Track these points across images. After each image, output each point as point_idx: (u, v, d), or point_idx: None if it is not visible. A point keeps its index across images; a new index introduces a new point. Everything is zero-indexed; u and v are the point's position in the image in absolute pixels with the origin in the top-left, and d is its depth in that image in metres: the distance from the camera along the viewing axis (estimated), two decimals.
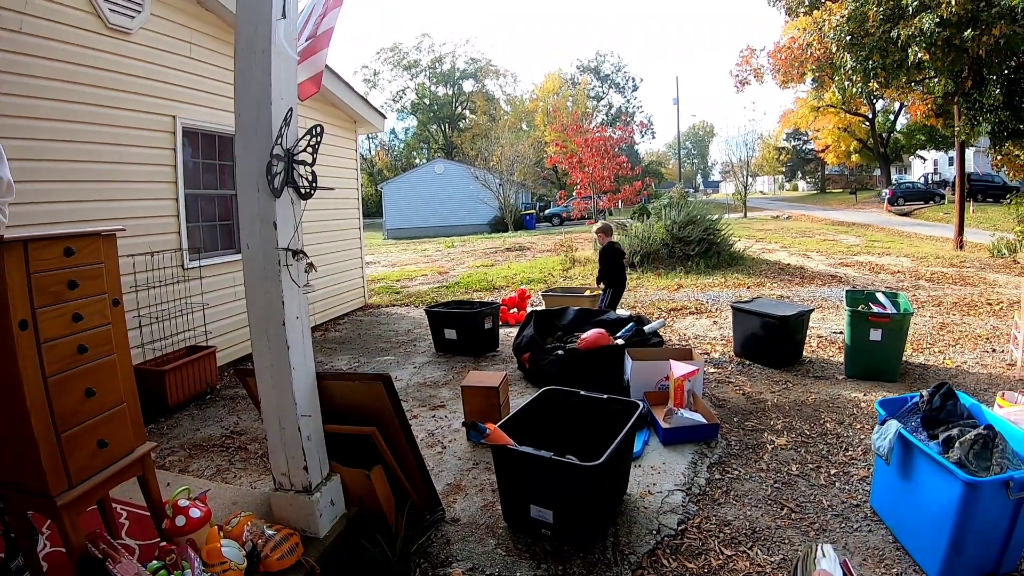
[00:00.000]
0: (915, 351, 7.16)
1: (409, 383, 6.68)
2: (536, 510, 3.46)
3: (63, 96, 5.38)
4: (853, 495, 3.98)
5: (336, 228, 10.45)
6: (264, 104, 3.01)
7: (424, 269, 17.52)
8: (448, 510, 3.91)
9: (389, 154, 72.68)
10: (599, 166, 18.97)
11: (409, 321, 10.18)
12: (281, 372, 3.17)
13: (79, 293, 2.73)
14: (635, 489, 4.10)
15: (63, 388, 2.62)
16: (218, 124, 7.23)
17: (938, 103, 18.48)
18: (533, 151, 41.98)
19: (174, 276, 6.55)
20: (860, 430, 4.97)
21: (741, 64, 27.19)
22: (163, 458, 4.91)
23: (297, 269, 3.15)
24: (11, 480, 2.65)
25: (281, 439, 3.26)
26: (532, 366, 6.45)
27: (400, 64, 69.96)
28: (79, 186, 5.55)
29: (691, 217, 14.66)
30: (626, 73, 72.10)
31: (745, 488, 4.12)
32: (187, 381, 6.19)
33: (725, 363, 6.95)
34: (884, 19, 14.80)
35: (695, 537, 3.57)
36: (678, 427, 4.79)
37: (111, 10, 5.79)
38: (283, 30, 3.06)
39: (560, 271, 14.91)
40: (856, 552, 3.37)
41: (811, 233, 22.07)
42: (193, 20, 6.89)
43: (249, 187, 3.09)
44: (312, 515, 3.26)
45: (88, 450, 2.74)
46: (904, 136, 45.75)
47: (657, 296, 11.19)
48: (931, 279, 12.02)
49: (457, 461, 4.65)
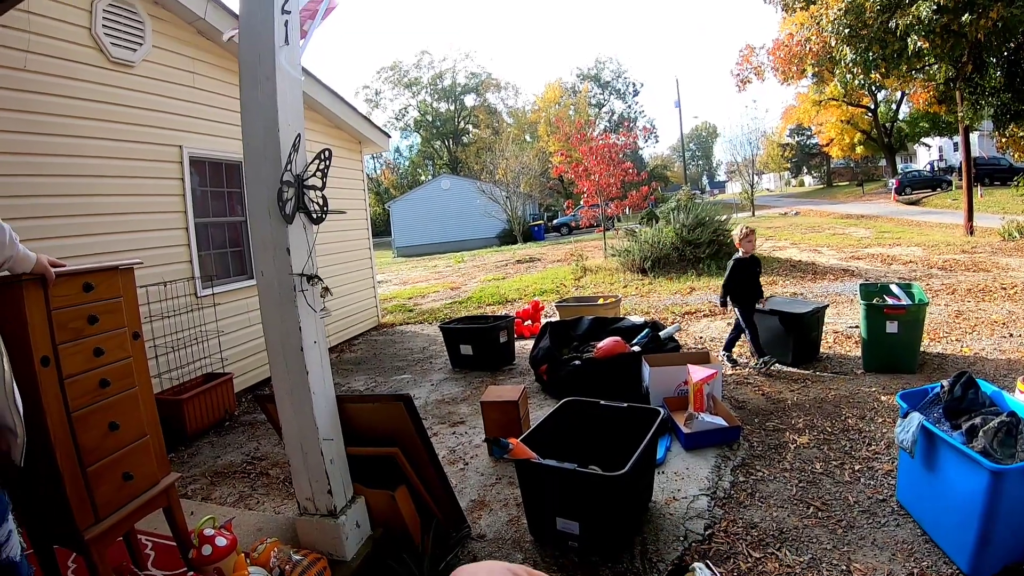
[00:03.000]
0: (932, 341, 7.11)
1: (427, 400, 6.68)
2: (562, 522, 3.44)
3: (70, 131, 5.44)
4: (879, 490, 3.95)
5: (346, 249, 10.50)
6: (272, 131, 3.03)
7: (436, 285, 17.55)
8: (473, 526, 3.89)
9: (395, 172, 72.99)
10: (605, 173, 18.96)
11: (424, 338, 10.19)
12: (301, 397, 3.18)
13: (99, 328, 2.75)
14: (660, 496, 4.08)
15: (87, 423, 2.64)
16: (224, 152, 7.28)
17: (940, 90, 18.48)
18: (538, 162, 42.11)
19: (188, 305, 6.58)
20: (882, 424, 4.93)
21: (741, 63, 27.24)
22: (185, 487, 4.92)
23: (312, 294, 3.16)
24: (37, 515, 2.66)
25: (304, 464, 3.27)
26: (550, 378, 6.44)
27: (401, 82, 70.27)
28: (91, 220, 5.60)
29: (699, 219, 14.62)
30: (626, 79, 72.32)
31: (770, 489, 4.09)
32: (205, 409, 6.21)
33: (742, 364, 6.92)
34: (881, 9, 14.81)
35: (723, 541, 3.54)
36: (700, 431, 4.77)
37: (113, 44, 5.86)
38: (286, 56, 3.08)
39: (572, 281, 14.87)
40: (885, 547, 3.34)
41: (820, 228, 22.00)
42: (195, 50, 6.95)
43: (260, 214, 3.10)
44: (338, 538, 3.26)
45: (114, 483, 2.75)
46: (908, 125, 45.51)
47: (670, 300, 11.15)
48: (943, 267, 11.96)
49: (480, 477, 4.64)
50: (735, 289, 6.71)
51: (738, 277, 6.69)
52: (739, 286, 6.70)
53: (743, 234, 6.78)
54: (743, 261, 6.72)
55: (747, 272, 6.71)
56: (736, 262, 6.73)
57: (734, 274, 6.70)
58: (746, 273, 6.70)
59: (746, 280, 6.71)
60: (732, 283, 6.70)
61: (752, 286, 6.74)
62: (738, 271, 6.70)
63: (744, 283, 6.71)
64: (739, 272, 6.69)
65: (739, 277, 6.69)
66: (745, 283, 6.71)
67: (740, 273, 6.69)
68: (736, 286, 6.70)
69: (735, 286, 6.70)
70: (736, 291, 6.71)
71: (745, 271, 6.70)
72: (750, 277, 6.73)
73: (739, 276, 6.69)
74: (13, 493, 2.27)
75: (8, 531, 2.02)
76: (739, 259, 6.73)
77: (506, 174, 38.29)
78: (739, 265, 6.70)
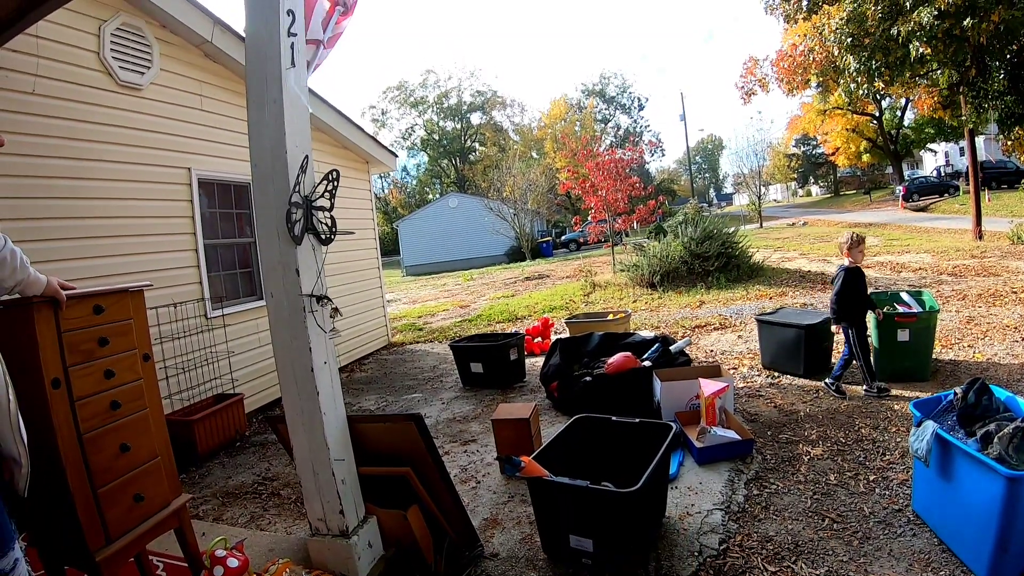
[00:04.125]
0: (944, 348, 7.07)
1: (439, 419, 6.67)
2: (575, 540, 3.42)
3: (79, 154, 5.48)
4: (894, 500, 3.91)
5: (356, 269, 10.53)
6: (280, 153, 3.05)
7: (445, 304, 17.57)
8: (486, 545, 3.87)
9: (402, 191, 73.24)
10: (612, 188, 18.97)
11: (434, 357, 10.18)
12: (312, 418, 3.18)
13: (110, 350, 2.77)
14: (673, 511, 4.05)
15: (98, 444, 2.65)
16: (232, 173, 7.33)
17: (944, 95, 18.48)
18: (545, 178, 42.18)
19: (198, 326, 6.60)
20: (895, 433, 4.90)
21: (745, 75, 27.20)
22: (196, 507, 4.92)
23: (322, 315, 3.17)
24: (49, 536, 2.67)
25: (315, 484, 3.26)
26: (561, 394, 6.42)
27: (407, 102, 70.71)
28: (100, 242, 5.63)
29: (708, 232, 14.62)
30: (631, 93, 72.53)
31: (784, 502, 4.06)
32: (216, 429, 6.21)
33: (754, 376, 6.88)
34: (883, 17, 14.84)
35: (738, 555, 3.51)
36: (712, 445, 4.74)
37: (121, 67, 5.91)
38: (293, 79, 3.10)
39: (581, 297, 14.85)
40: (902, 558, 3.30)
41: (829, 238, 21.93)
42: (202, 73, 7.01)
43: (269, 235, 3.12)
44: (350, 559, 3.24)
45: (125, 505, 2.76)
46: (913, 131, 45.59)
47: (680, 314, 11.12)
48: (953, 273, 11.91)
49: (492, 495, 4.62)
50: (847, 305, 5.97)
51: (856, 287, 5.94)
52: (852, 300, 5.96)
53: (853, 241, 6.01)
54: (856, 271, 5.98)
55: (862, 284, 5.99)
56: (848, 271, 5.95)
57: (850, 284, 5.93)
58: (862, 285, 5.98)
59: (860, 293, 5.96)
60: (848, 296, 5.94)
61: (865, 300, 5.98)
62: (854, 281, 5.94)
63: (858, 296, 5.95)
64: (856, 281, 5.95)
65: (857, 288, 5.94)
66: (859, 296, 5.95)
67: (858, 282, 5.95)
68: (849, 300, 5.96)
69: (849, 301, 5.96)
70: (848, 306, 5.96)
71: (861, 282, 5.98)
72: (863, 290, 5.99)
73: (857, 287, 5.94)
74: (23, 516, 2.27)
75: (15, 559, 2.01)
76: (850, 268, 5.97)
77: (513, 191, 38.37)
78: (853, 275, 5.95)
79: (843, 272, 5.98)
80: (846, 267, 6.00)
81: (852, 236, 6.04)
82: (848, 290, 5.91)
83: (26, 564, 2.08)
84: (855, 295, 5.92)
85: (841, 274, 5.99)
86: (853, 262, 6.00)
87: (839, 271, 6.07)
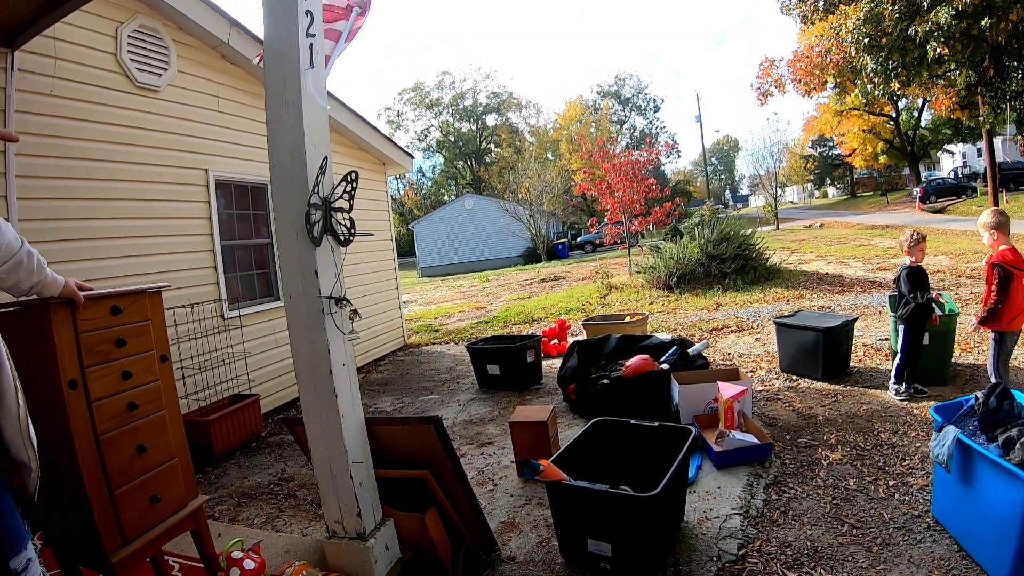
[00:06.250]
0: (963, 352, 6.98)
1: (455, 421, 6.65)
2: (594, 544, 3.39)
3: (96, 156, 5.52)
4: (914, 505, 3.85)
5: (372, 270, 10.56)
6: (298, 154, 3.04)
7: (461, 305, 17.58)
8: (504, 548, 3.85)
9: (418, 193, 73.42)
10: (628, 190, 18.92)
11: (450, 359, 10.17)
12: (330, 420, 3.17)
13: (127, 351, 2.77)
14: (692, 515, 4.01)
15: (115, 446, 2.65)
16: (250, 175, 7.35)
17: (961, 95, 18.36)
18: (560, 180, 42.13)
19: (214, 327, 6.62)
20: (915, 438, 4.83)
21: (761, 76, 27.08)
22: (212, 508, 4.92)
23: (341, 316, 3.16)
24: (65, 537, 2.67)
25: (333, 487, 3.25)
26: (578, 397, 6.39)
27: (423, 103, 70.99)
28: (117, 243, 5.67)
29: (724, 234, 14.57)
30: (647, 94, 72.49)
31: (803, 507, 4.01)
32: (232, 430, 6.23)
33: (772, 380, 6.83)
34: (900, 17, 14.75)
35: (756, 561, 3.47)
36: (731, 449, 4.70)
37: (138, 69, 5.95)
38: (311, 79, 3.10)
39: (597, 299, 14.81)
40: (921, 564, 3.25)
41: (846, 239, 21.78)
42: (219, 74, 7.04)
43: (288, 237, 3.11)
44: (367, 562, 3.23)
45: (141, 506, 2.76)
46: (930, 132, 45.20)
47: (697, 317, 11.07)
48: (972, 275, 11.77)
49: (509, 498, 4.60)
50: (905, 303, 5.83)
51: (923, 285, 5.77)
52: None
53: (914, 240, 5.82)
54: (919, 269, 5.81)
55: (925, 282, 5.82)
56: (912, 270, 5.78)
57: (918, 281, 5.75)
58: (925, 283, 5.80)
59: (923, 292, 5.77)
60: (918, 291, 5.73)
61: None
62: (921, 277, 5.78)
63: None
64: (922, 279, 5.79)
65: (924, 285, 5.77)
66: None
67: (923, 280, 5.79)
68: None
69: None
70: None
71: (924, 280, 5.80)
72: (925, 290, 5.80)
73: (923, 284, 5.77)
74: (37, 517, 2.26)
75: (27, 559, 2.00)
76: (912, 267, 5.80)
77: (529, 192, 38.38)
78: (917, 273, 5.78)
79: (905, 271, 5.85)
80: (907, 266, 5.86)
81: (913, 235, 5.90)
82: (917, 285, 5.74)
83: (40, 564, 2.07)
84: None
85: (904, 272, 5.86)
86: (914, 261, 5.84)
87: (900, 269, 5.96)
